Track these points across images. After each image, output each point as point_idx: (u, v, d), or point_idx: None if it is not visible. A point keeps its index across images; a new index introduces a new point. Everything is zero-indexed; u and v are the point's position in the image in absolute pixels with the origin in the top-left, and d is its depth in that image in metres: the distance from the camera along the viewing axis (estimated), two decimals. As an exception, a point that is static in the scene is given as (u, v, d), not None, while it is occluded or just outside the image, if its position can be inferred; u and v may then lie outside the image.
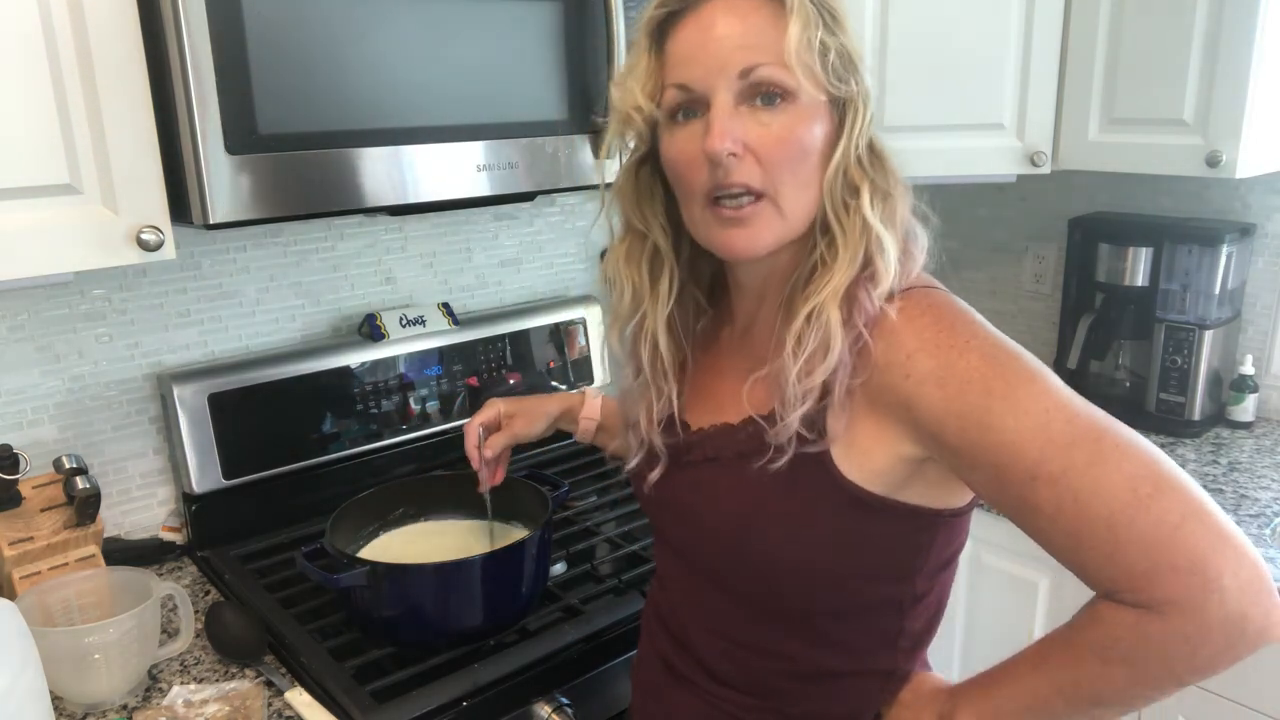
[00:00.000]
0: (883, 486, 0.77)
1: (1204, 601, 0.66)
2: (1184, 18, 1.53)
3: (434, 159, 1.21)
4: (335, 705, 1.07)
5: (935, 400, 0.72)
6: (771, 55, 0.74)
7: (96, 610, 1.14)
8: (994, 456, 0.70)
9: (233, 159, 1.05)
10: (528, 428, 1.21)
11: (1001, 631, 1.68)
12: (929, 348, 0.72)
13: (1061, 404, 0.70)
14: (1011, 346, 0.73)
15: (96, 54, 1.00)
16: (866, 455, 0.76)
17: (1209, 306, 1.77)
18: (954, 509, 0.81)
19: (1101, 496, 0.67)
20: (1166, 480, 0.67)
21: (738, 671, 0.88)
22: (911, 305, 0.75)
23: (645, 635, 1.01)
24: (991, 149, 1.71)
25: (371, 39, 1.12)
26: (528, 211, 1.80)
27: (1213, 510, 0.67)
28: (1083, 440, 0.68)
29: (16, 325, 1.32)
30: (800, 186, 0.77)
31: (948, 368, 0.71)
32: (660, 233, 0.86)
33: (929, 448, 0.75)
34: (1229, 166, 1.52)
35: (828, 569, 0.80)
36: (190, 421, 1.39)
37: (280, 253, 1.54)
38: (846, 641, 0.85)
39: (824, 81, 0.76)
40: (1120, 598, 0.69)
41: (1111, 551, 0.67)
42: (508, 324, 1.72)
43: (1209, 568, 0.65)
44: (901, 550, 0.81)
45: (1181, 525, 0.66)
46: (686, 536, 0.90)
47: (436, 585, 1.15)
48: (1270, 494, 1.55)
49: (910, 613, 0.84)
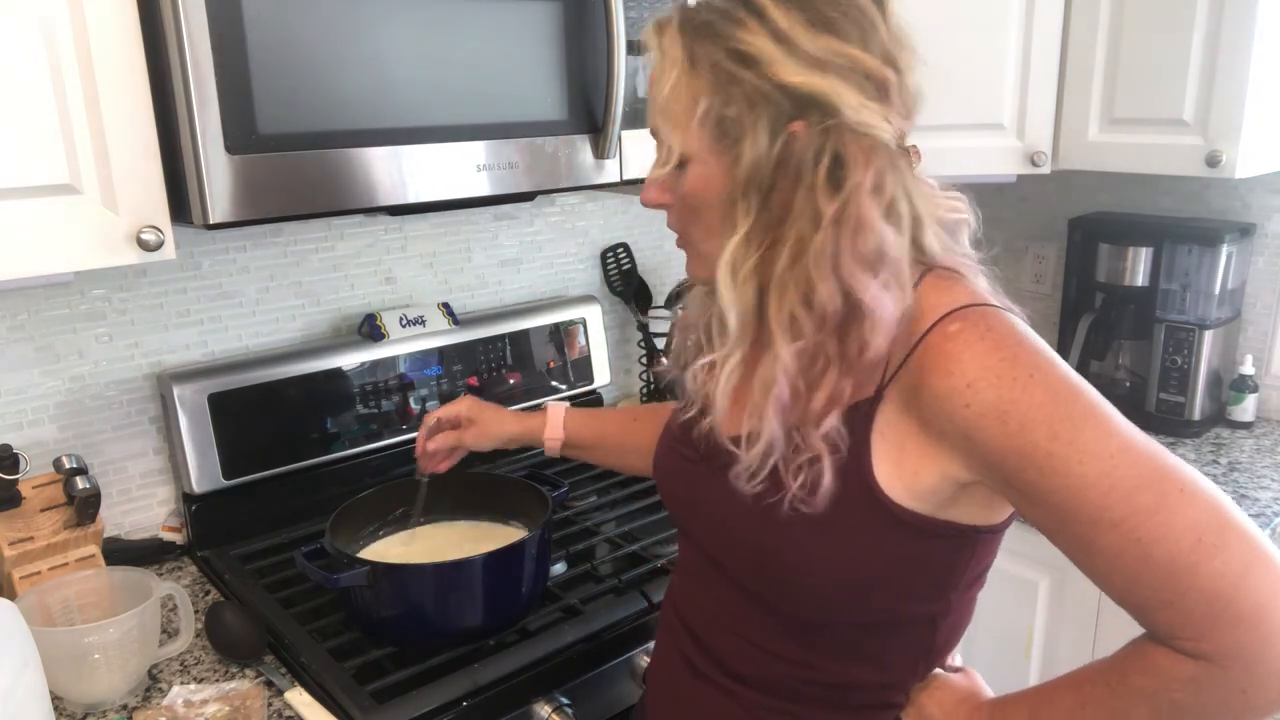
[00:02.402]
0: (927, 505, 0.75)
1: (1263, 654, 0.65)
2: (1184, 18, 1.53)
3: (434, 159, 1.21)
4: (335, 705, 1.07)
5: (995, 435, 0.69)
6: (663, 118, 0.79)
7: (96, 610, 1.14)
8: (1057, 499, 0.69)
9: (233, 159, 1.05)
10: (476, 441, 1.25)
11: (1001, 631, 1.68)
12: (990, 378, 0.69)
13: (1126, 446, 0.68)
14: (1076, 380, 0.71)
15: (97, 54, 1.00)
16: (914, 476, 0.75)
17: (1209, 306, 1.77)
18: (993, 525, 0.80)
19: (1165, 543, 0.66)
20: (1231, 527, 0.66)
21: (760, 674, 0.87)
22: (970, 328, 0.72)
23: (664, 629, 0.99)
24: (991, 149, 1.71)
25: (371, 39, 1.12)
26: (528, 211, 1.80)
27: (1276, 557, 0.66)
28: (1148, 485, 0.67)
29: (16, 325, 1.32)
30: (705, 235, 0.81)
31: (1011, 403, 0.69)
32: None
33: (984, 477, 0.73)
34: (1229, 166, 1.52)
35: (861, 585, 0.78)
36: (190, 421, 1.39)
37: (280, 253, 1.54)
38: (875, 655, 0.84)
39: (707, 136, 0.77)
40: (1177, 645, 0.68)
41: (1173, 599, 0.66)
42: (508, 324, 1.72)
43: (1272, 618, 0.64)
44: (938, 568, 0.79)
45: (1246, 575, 0.65)
46: (715, 543, 0.88)
47: (436, 585, 1.15)
48: (1270, 494, 1.55)
49: (940, 627, 0.84)
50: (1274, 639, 0.64)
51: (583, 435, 1.23)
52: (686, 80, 0.76)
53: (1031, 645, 1.65)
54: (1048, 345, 0.73)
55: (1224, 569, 0.65)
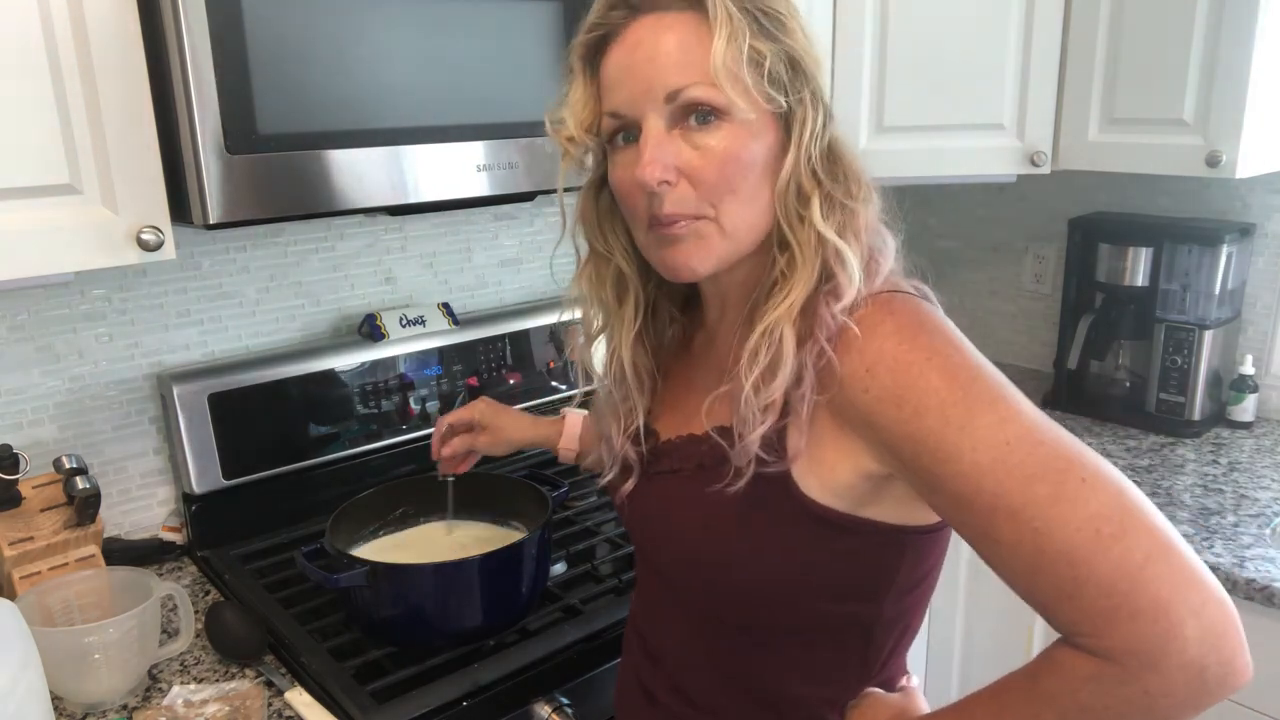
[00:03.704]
0: (847, 503, 0.74)
1: (1164, 651, 0.61)
2: (1184, 18, 1.53)
3: (434, 159, 1.21)
4: (335, 705, 1.07)
5: (892, 420, 0.69)
6: (698, 74, 0.71)
7: (96, 610, 1.14)
8: (952, 486, 0.67)
9: (233, 159, 1.05)
10: (491, 446, 1.25)
11: (1000, 634, 1.68)
12: (888, 361, 0.69)
13: (1024, 433, 0.66)
14: (975, 362, 0.69)
15: (96, 54, 1.00)
16: (831, 471, 0.74)
17: (1209, 306, 1.77)
18: (922, 527, 0.77)
19: (1062, 534, 0.63)
20: (1132, 518, 0.63)
21: (706, 693, 0.86)
22: (874, 313, 0.72)
23: (625, 648, 0.99)
24: (991, 149, 1.71)
25: (371, 39, 1.12)
26: (528, 211, 1.80)
27: (1180, 550, 0.63)
28: (1045, 474, 0.64)
29: (16, 325, 1.32)
30: (744, 203, 0.75)
31: (906, 387, 0.68)
32: (623, 256, 0.84)
33: (890, 466, 0.71)
34: (1229, 166, 1.52)
35: (787, 586, 0.78)
36: (190, 421, 1.39)
37: (280, 253, 1.54)
38: (808, 663, 0.83)
39: (761, 93, 0.73)
40: (1080, 642, 0.65)
41: (1072, 591, 0.64)
42: (508, 324, 1.72)
43: (1171, 614, 0.61)
44: (866, 569, 0.78)
45: (1145, 566, 0.62)
46: (652, 548, 0.89)
47: (436, 585, 1.15)
48: (1270, 494, 1.55)
49: (876, 637, 0.82)
50: (1175, 635, 0.61)
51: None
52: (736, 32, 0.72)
53: (1031, 645, 1.65)
54: (956, 330, 0.71)
55: (1122, 560, 0.62)
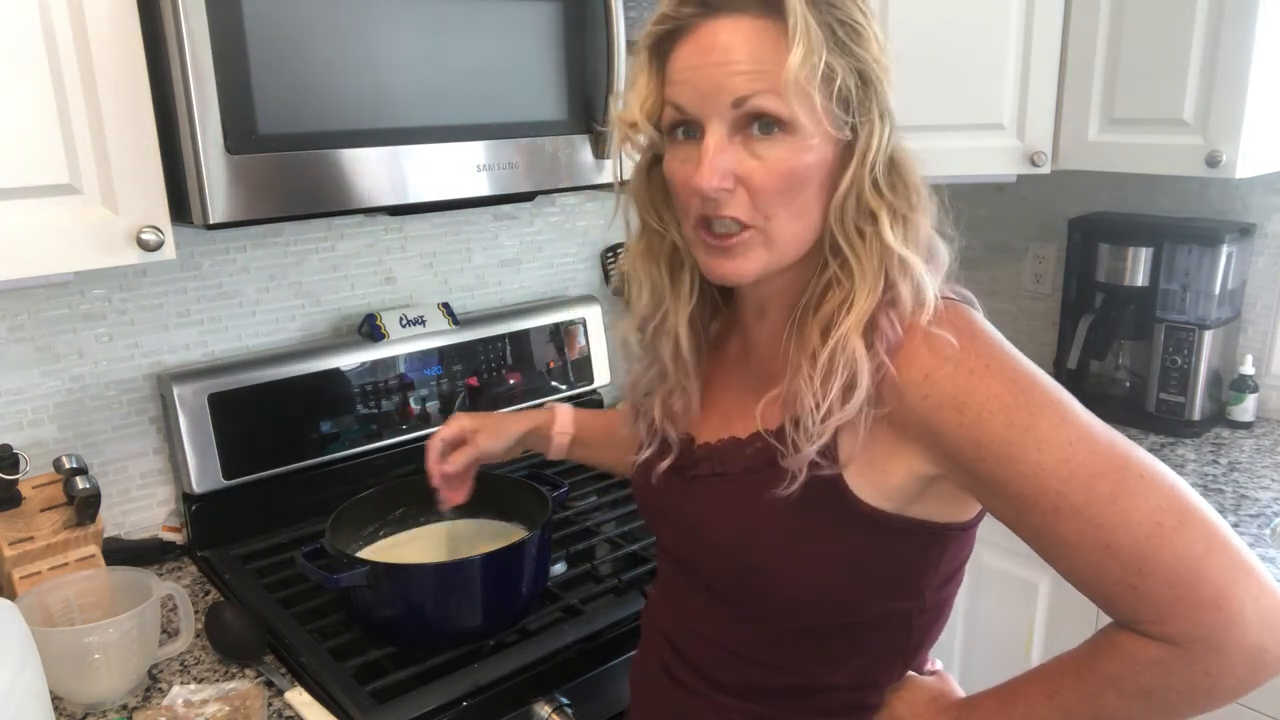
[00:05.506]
0: (896, 503, 0.76)
1: (1226, 635, 0.66)
2: (1184, 18, 1.53)
3: (434, 159, 1.21)
4: (335, 705, 1.07)
5: (953, 426, 0.71)
6: (767, 83, 0.71)
7: (96, 610, 1.14)
8: (1015, 488, 0.70)
9: (233, 159, 1.05)
10: (492, 444, 1.16)
11: (1001, 631, 1.68)
12: (947, 369, 0.71)
13: (1084, 434, 0.69)
14: (1031, 370, 0.72)
15: (96, 54, 1.00)
16: (883, 473, 0.75)
17: (1209, 306, 1.77)
18: (963, 522, 0.80)
19: (1126, 529, 0.67)
20: (1190, 512, 0.67)
21: (740, 681, 0.87)
22: (930, 322, 0.73)
23: (645, 640, 1.00)
24: (991, 149, 1.71)
25: (372, 39, 1.12)
26: (528, 211, 1.80)
27: (1235, 542, 0.67)
28: (1106, 472, 0.68)
29: (16, 325, 1.32)
30: (795, 216, 0.75)
31: (967, 393, 0.70)
32: (677, 231, 0.84)
33: (946, 469, 0.74)
34: (1229, 166, 1.52)
35: (836, 586, 0.79)
36: (190, 421, 1.39)
37: (280, 253, 1.54)
38: (851, 656, 0.84)
39: (827, 114, 0.72)
40: (1142, 629, 0.69)
41: (1135, 583, 0.67)
42: (508, 324, 1.72)
43: (1232, 601, 0.66)
44: (911, 565, 0.80)
45: (1206, 558, 0.66)
46: (689, 550, 0.89)
47: (436, 585, 1.15)
48: (1270, 494, 1.55)
49: (917, 626, 0.84)
50: (1236, 621, 0.66)
51: (592, 430, 1.20)
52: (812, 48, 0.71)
53: (1031, 645, 1.65)
54: (1003, 337, 0.74)
55: (1184, 552, 0.66)
